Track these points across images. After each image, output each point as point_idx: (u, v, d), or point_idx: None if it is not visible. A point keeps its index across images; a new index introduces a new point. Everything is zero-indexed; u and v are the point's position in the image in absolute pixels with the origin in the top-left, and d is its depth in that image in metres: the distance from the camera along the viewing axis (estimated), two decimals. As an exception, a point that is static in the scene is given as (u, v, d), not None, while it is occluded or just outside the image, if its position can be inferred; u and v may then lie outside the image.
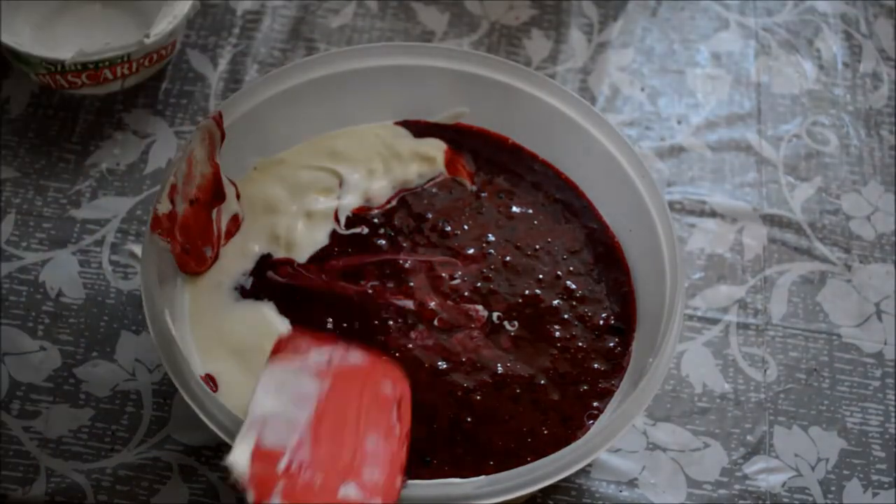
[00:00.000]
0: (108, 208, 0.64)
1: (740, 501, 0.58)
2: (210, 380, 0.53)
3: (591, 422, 0.54)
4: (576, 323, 0.57)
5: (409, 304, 0.56)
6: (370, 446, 0.45)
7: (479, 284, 0.58)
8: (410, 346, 0.55)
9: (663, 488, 0.58)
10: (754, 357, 0.62)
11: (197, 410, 0.48)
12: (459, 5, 0.75)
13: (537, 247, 0.59)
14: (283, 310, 0.56)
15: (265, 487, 0.42)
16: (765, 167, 0.70)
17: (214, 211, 0.57)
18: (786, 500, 0.58)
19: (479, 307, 0.57)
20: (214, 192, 0.57)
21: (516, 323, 0.57)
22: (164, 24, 0.65)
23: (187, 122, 0.68)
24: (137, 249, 0.55)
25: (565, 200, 0.61)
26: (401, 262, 0.58)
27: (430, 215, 0.60)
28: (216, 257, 0.57)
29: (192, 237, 0.55)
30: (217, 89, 0.70)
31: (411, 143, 0.62)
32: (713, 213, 0.67)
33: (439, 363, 0.55)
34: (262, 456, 0.43)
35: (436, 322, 0.56)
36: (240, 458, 0.43)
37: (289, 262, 0.57)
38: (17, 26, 0.67)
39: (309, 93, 0.60)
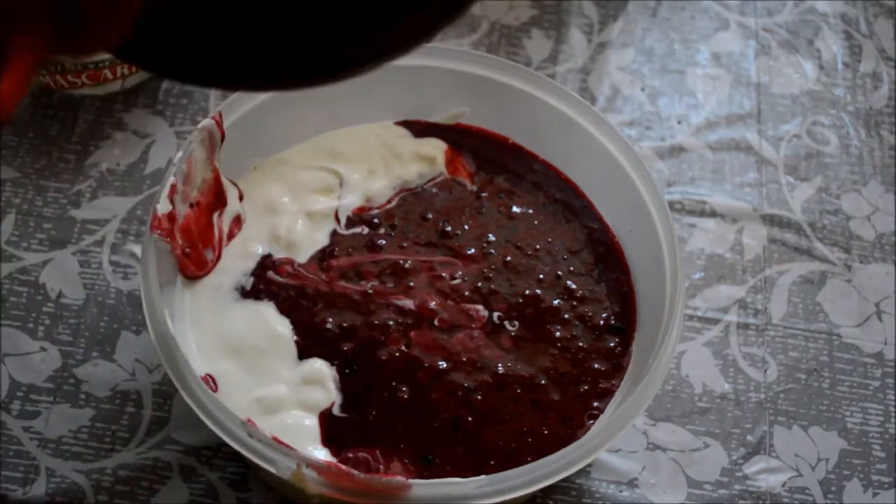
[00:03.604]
0: (108, 208, 0.64)
1: (740, 501, 0.58)
2: (210, 380, 0.53)
3: (591, 422, 0.54)
4: (576, 323, 0.57)
5: (409, 304, 0.56)
6: None
7: (479, 284, 0.58)
8: (410, 346, 0.55)
9: (663, 488, 0.58)
10: (754, 357, 0.62)
11: (197, 410, 0.48)
12: (459, 5, 0.75)
13: (538, 247, 0.59)
14: (283, 310, 0.56)
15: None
16: (765, 167, 0.70)
17: (216, 214, 0.57)
18: (786, 500, 0.58)
19: (480, 307, 0.57)
20: (215, 196, 0.57)
21: (517, 323, 0.57)
22: (164, 24, 0.65)
23: (187, 122, 0.68)
24: (137, 249, 0.55)
25: (565, 200, 0.61)
26: (401, 262, 0.58)
27: (430, 215, 0.60)
28: (218, 259, 0.57)
29: (192, 240, 0.55)
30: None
31: (411, 143, 0.62)
32: (713, 213, 0.67)
33: (440, 363, 0.55)
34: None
35: (436, 322, 0.56)
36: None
37: (289, 262, 0.57)
38: (17, 26, 0.67)
39: (309, 93, 0.59)
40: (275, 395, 0.53)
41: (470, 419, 0.53)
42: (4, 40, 0.31)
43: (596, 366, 0.56)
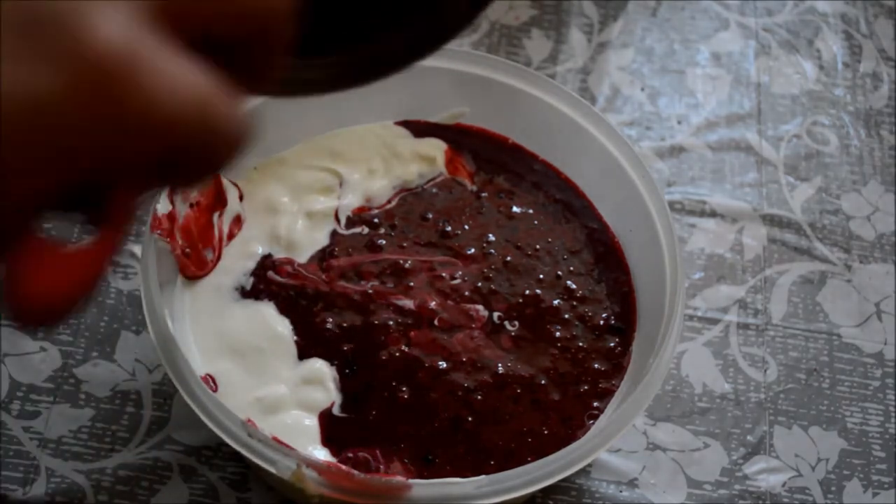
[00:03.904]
0: (108, 208, 0.64)
1: (740, 501, 0.58)
2: (210, 380, 0.53)
3: (591, 422, 0.54)
4: (576, 323, 0.57)
5: (409, 304, 0.56)
6: None
7: (479, 284, 0.58)
8: (410, 346, 0.55)
9: (663, 488, 0.58)
10: (754, 357, 0.62)
11: (197, 410, 0.48)
12: (459, 5, 0.75)
13: (538, 247, 0.59)
14: (283, 310, 0.56)
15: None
16: (765, 167, 0.70)
17: (216, 214, 0.57)
18: (786, 500, 0.58)
19: (480, 307, 0.57)
20: (215, 197, 0.57)
21: (517, 323, 0.57)
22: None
23: (187, 122, 0.68)
24: (137, 249, 0.55)
25: (565, 200, 0.61)
26: (401, 262, 0.58)
27: (430, 215, 0.60)
28: (218, 259, 0.57)
29: (192, 240, 0.55)
30: (217, 89, 0.70)
31: (411, 143, 0.62)
32: (713, 213, 0.67)
33: (440, 363, 0.55)
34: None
35: (436, 322, 0.56)
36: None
37: (289, 262, 0.57)
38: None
39: (309, 93, 0.60)
40: (275, 395, 0.53)
41: (470, 419, 0.53)
42: (102, 198, 0.28)
43: (596, 366, 0.56)
